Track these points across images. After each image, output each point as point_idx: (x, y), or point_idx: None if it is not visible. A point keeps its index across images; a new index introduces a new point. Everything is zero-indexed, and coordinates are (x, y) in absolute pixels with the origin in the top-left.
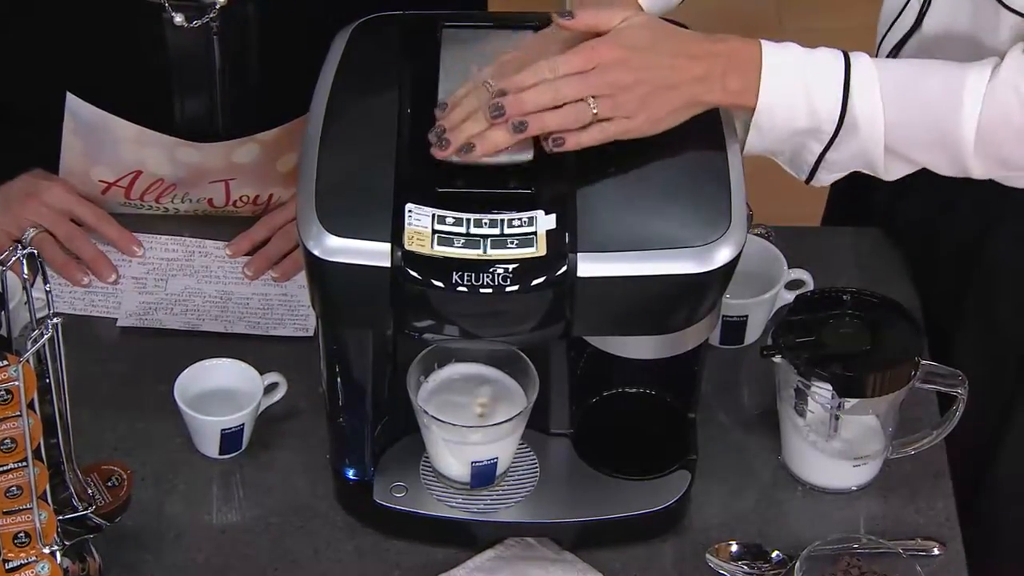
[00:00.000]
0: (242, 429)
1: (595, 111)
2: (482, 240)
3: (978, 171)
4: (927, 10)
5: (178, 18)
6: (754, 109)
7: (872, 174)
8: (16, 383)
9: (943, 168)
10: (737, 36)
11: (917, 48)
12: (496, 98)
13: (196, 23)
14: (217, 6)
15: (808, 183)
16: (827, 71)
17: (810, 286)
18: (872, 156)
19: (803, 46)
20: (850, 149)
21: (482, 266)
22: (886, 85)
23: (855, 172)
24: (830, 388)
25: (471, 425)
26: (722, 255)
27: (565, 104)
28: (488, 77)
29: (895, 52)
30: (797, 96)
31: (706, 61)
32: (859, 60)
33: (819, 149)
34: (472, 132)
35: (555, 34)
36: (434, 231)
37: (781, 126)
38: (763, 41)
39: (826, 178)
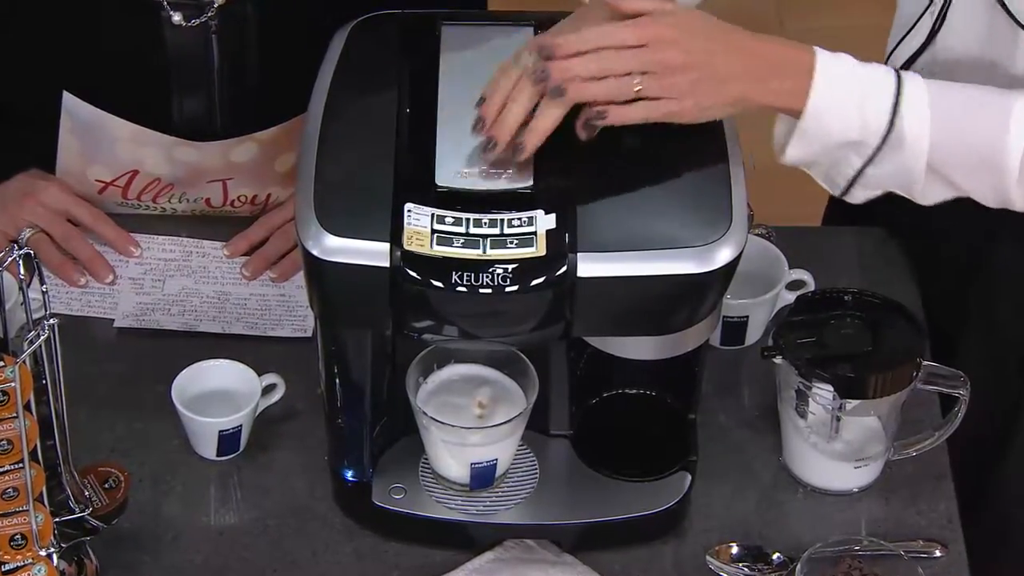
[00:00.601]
0: (240, 430)
1: (638, 88)
2: (481, 240)
3: (1020, 203)
4: (940, 28)
5: (176, 17)
6: (801, 113)
7: (907, 196)
8: (12, 384)
9: (985, 196)
10: (787, 40)
11: (929, 67)
12: (542, 61)
13: (195, 22)
14: (215, 5)
15: (840, 197)
16: (879, 83)
17: (811, 286)
18: (912, 175)
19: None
20: (891, 165)
21: (481, 266)
22: (936, 104)
23: None
24: (831, 389)
25: (470, 426)
26: (723, 255)
27: (608, 77)
28: (529, 52)
29: (905, 68)
30: (849, 104)
31: (757, 59)
32: (911, 77)
33: (859, 163)
34: (517, 117)
35: (596, 12)
36: (433, 231)
37: (828, 134)
38: (816, 48)
39: (860, 194)
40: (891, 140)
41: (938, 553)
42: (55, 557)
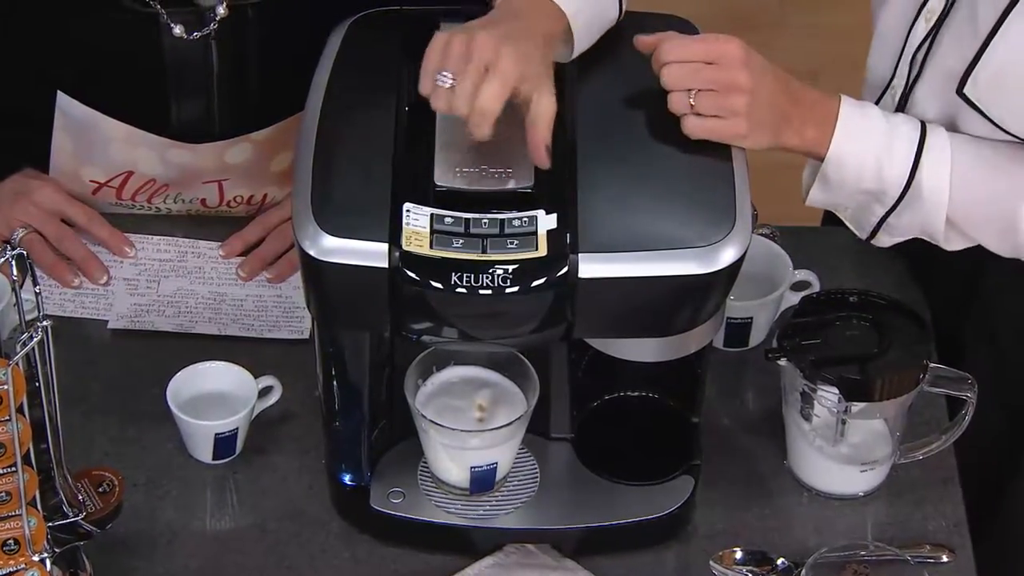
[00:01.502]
0: (236, 434)
1: (692, 103)
2: (481, 240)
3: None
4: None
5: (177, 30)
6: (823, 159)
7: (933, 243)
8: (5, 387)
9: (1000, 249)
10: (816, 89)
11: None
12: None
13: (196, 35)
14: (218, 18)
15: (868, 241)
16: (901, 137)
17: (816, 287)
18: (933, 227)
19: (883, 113)
20: (912, 217)
21: (481, 267)
22: (957, 162)
23: None
24: (836, 392)
25: (470, 429)
26: (726, 256)
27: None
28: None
29: None
30: (868, 156)
31: (794, 105)
32: (935, 133)
33: (882, 212)
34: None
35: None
36: (432, 231)
37: (847, 182)
38: (843, 96)
39: (887, 240)
40: (911, 194)
41: (945, 558)
42: (48, 562)
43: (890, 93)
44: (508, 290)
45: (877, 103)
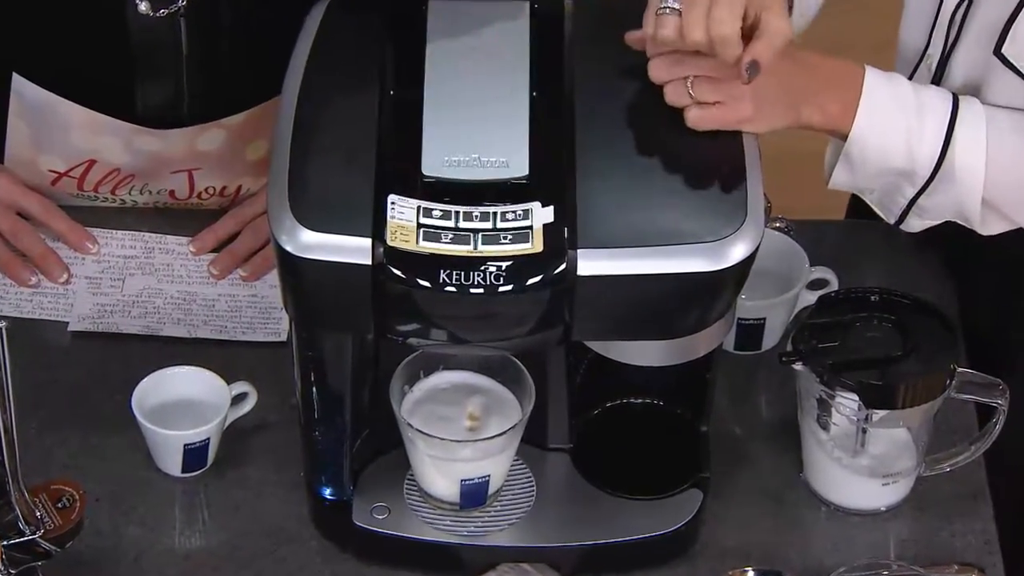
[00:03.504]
0: (207, 444)
1: (691, 93)
2: (472, 235)
3: None
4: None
5: (143, 6)
6: (847, 137)
7: (967, 226)
8: None
9: None
10: (836, 58)
11: None
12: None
13: (163, 12)
14: None
15: (896, 227)
16: (932, 111)
17: (834, 286)
18: (968, 209)
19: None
20: (945, 198)
21: (472, 264)
22: (993, 136)
23: None
24: (856, 398)
25: (460, 440)
26: (737, 251)
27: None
28: None
29: None
30: (896, 131)
31: (807, 73)
32: (969, 106)
33: (912, 193)
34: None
35: None
36: (419, 225)
37: (873, 161)
38: (868, 66)
39: (917, 224)
40: (943, 173)
41: None
42: None
43: (925, 64)
44: (501, 289)
45: (911, 78)
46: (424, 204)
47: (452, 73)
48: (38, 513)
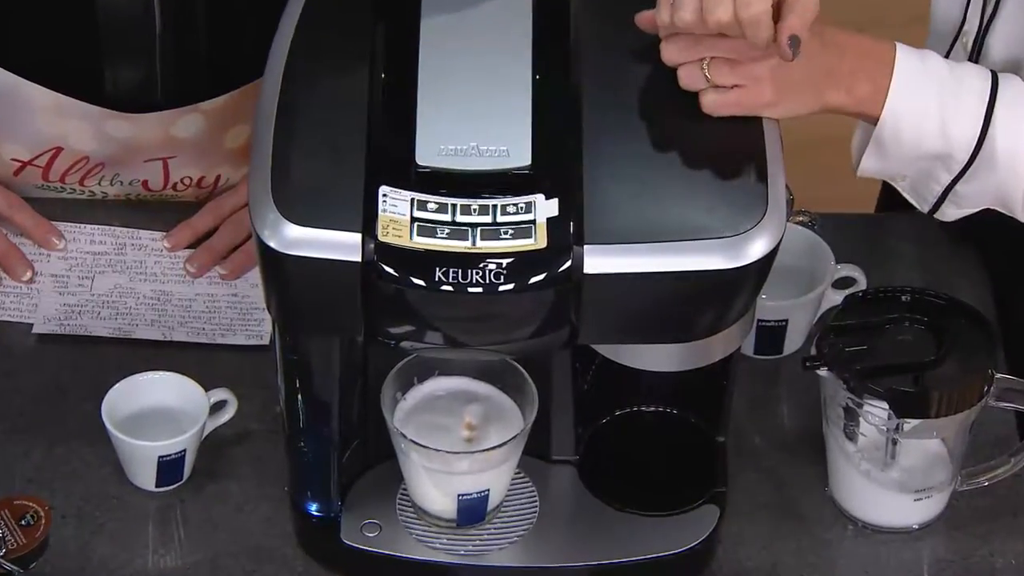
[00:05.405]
0: (183, 456)
1: (707, 75)
2: (470, 230)
3: None
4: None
5: None
6: (878, 120)
7: (1008, 214)
8: None
9: None
10: (864, 35)
11: None
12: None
13: None
14: None
15: (931, 215)
16: (970, 90)
17: (862, 285)
18: (1009, 195)
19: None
20: (985, 183)
21: (470, 261)
22: None
23: None
24: (886, 407)
25: (457, 451)
26: (757, 248)
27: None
28: None
29: None
30: (930, 113)
31: (833, 52)
32: (1010, 84)
33: (948, 179)
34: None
35: None
36: (413, 219)
37: (906, 145)
38: (898, 43)
39: (953, 212)
40: (982, 156)
41: None
42: None
43: (961, 41)
44: (501, 288)
45: (946, 57)
46: (418, 196)
47: (448, 54)
48: (0, 531)
